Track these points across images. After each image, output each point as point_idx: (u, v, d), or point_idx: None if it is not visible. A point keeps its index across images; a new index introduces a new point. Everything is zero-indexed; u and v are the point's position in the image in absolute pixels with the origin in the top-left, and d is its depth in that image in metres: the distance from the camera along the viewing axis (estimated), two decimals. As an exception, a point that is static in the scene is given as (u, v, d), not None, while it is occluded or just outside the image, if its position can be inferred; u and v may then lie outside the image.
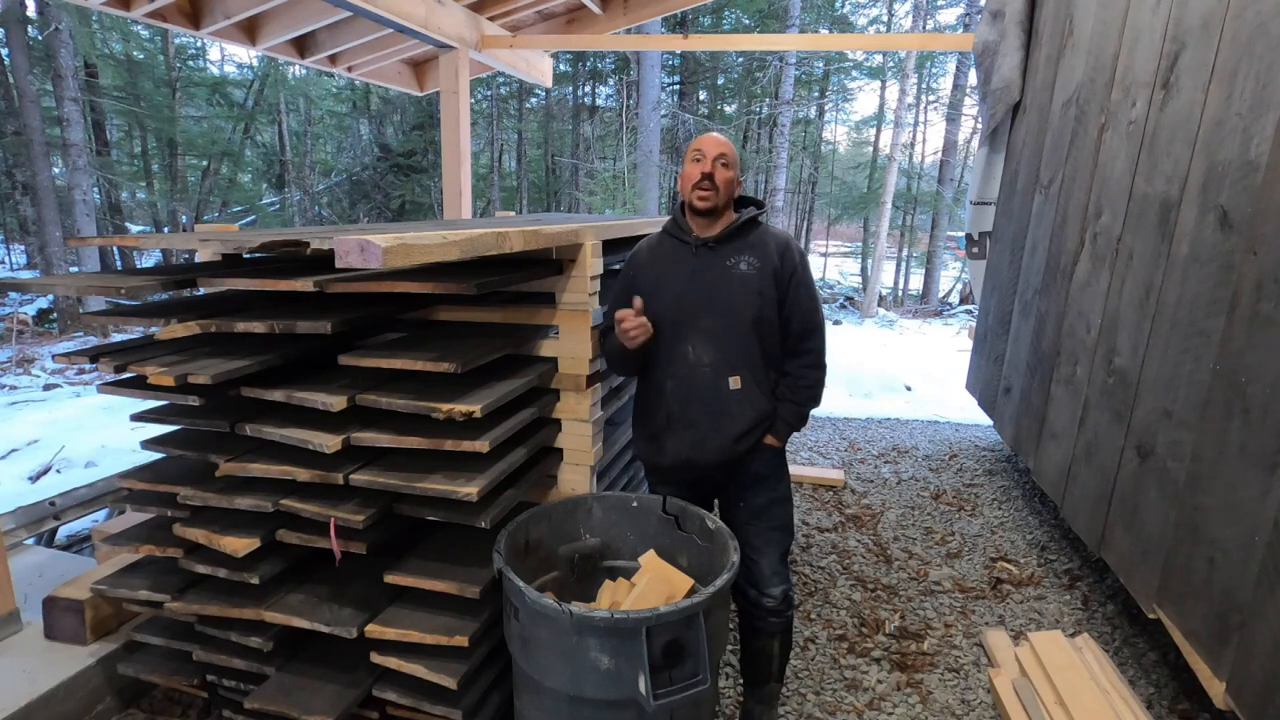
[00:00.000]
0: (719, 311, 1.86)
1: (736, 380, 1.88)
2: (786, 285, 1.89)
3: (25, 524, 2.88)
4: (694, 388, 1.89)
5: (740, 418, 1.89)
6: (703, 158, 1.85)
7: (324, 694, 1.75)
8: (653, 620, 1.42)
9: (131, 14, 3.56)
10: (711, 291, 1.87)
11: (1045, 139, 3.48)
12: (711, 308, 1.86)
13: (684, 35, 5.78)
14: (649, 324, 1.85)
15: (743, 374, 1.88)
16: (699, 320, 1.87)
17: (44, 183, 9.94)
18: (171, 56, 13.55)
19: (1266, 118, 1.80)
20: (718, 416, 1.89)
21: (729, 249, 1.89)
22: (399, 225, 2.34)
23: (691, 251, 1.90)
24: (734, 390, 1.88)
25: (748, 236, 1.92)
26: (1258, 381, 1.74)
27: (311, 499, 1.73)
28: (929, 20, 15.53)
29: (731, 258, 1.88)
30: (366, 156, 16.45)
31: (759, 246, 1.90)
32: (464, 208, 4.57)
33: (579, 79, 17.15)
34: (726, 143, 1.88)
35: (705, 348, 1.87)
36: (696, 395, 1.89)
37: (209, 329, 1.77)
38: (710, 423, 1.89)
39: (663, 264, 1.94)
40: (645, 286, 1.92)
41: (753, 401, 1.90)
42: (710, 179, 1.84)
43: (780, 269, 1.88)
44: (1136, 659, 2.43)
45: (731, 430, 1.89)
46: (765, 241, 1.91)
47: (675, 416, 1.92)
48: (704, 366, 1.88)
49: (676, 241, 1.95)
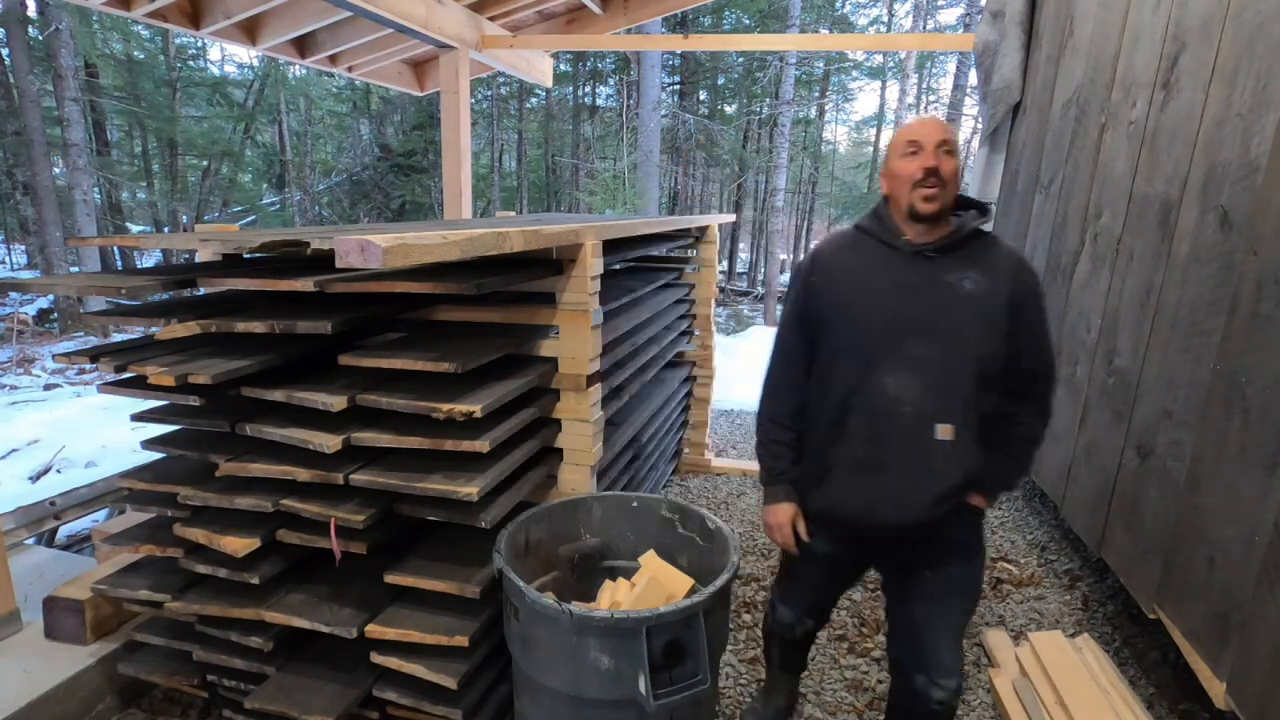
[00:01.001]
0: (935, 339, 1.48)
1: (947, 429, 1.48)
2: (1019, 312, 1.49)
3: (25, 524, 2.88)
4: (890, 430, 1.50)
5: (947, 476, 1.50)
6: (921, 149, 1.46)
7: (324, 694, 1.75)
8: (653, 620, 1.42)
9: (132, 14, 3.56)
10: (927, 313, 1.48)
11: (1045, 139, 3.48)
12: (926, 334, 1.48)
13: (684, 35, 5.78)
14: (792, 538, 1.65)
15: (956, 421, 1.48)
16: (906, 347, 1.49)
17: (44, 183, 9.94)
18: (172, 56, 13.56)
19: (1267, 118, 1.80)
20: (918, 469, 1.50)
21: (951, 261, 1.50)
22: (399, 225, 2.34)
23: (902, 260, 1.52)
24: (942, 440, 1.48)
25: (973, 248, 1.53)
26: (1258, 382, 1.73)
27: (311, 499, 1.73)
28: (929, 20, 15.52)
29: (954, 272, 1.49)
30: (367, 156, 16.45)
31: (987, 262, 1.51)
32: (464, 208, 4.57)
33: (579, 79, 17.16)
34: (945, 125, 1.50)
35: (911, 383, 1.48)
36: (892, 439, 1.51)
37: (209, 329, 1.77)
38: (906, 475, 1.51)
39: (861, 271, 1.57)
40: (836, 296, 1.57)
41: (964, 456, 1.50)
42: (936, 173, 1.44)
43: (1014, 292, 1.49)
44: (1137, 659, 2.43)
45: (934, 489, 1.50)
46: (995, 257, 1.52)
47: (858, 458, 1.55)
48: (906, 405, 1.48)
49: (880, 245, 1.56)
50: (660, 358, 3.18)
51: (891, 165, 1.52)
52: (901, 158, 1.49)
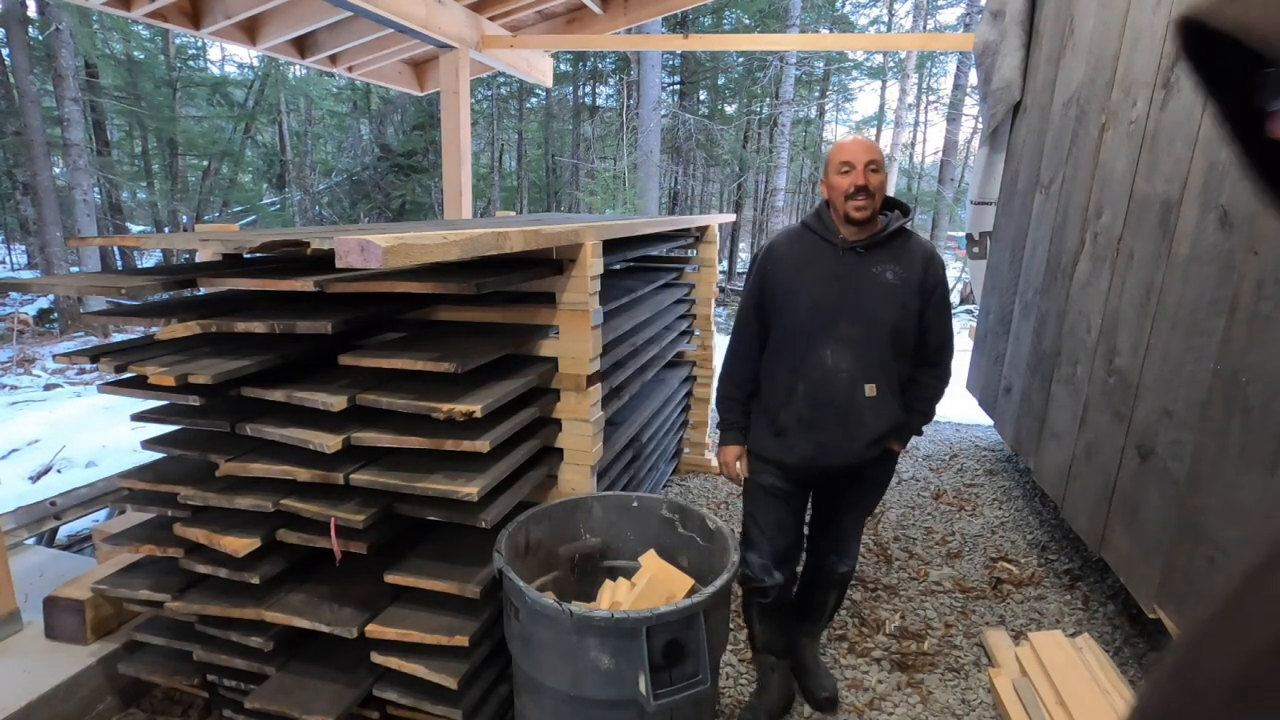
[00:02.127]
0: (861, 320, 1.86)
1: (873, 388, 1.88)
2: (928, 297, 1.90)
3: (26, 524, 2.88)
4: (829, 392, 1.89)
5: (874, 425, 1.90)
6: (853, 168, 1.81)
7: (324, 694, 1.75)
8: (653, 620, 1.42)
9: (132, 14, 3.56)
10: (856, 299, 1.86)
11: (1046, 139, 3.47)
12: (854, 315, 1.86)
13: (684, 35, 5.78)
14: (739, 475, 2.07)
15: (879, 382, 1.89)
16: (839, 327, 1.87)
17: (44, 183, 9.94)
18: (172, 56, 13.56)
19: (1267, 117, 1.80)
20: (851, 423, 1.89)
21: (876, 255, 1.88)
22: (399, 225, 2.34)
23: (837, 254, 1.88)
24: (869, 397, 1.88)
25: (894, 244, 1.90)
26: (1258, 381, 1.73)
27: (312, 499, 1.73)
28: (929, 20, 15.52)
29: (878, 265, 1.87)
30: (367, 156, 16.45)
31: (905, 256, 1.89)
32: (464, 208, 4.57)
33: (579, 79, 17.16)
34: (873, 146, 1.86)
35: (844, 354, 1.87)
36: (830, 399, 1.89)
37: (209, 329, 1.78)
38: (842, 428, 1.90)
39: (804, 263, 1.92)
40: (784, 283, 1.93)
41: (887, 409, 1.91)
42: (864, 190, 1.80)
43: (925, 281, 1.89)
44: (1137, 659, 2.43)
45: (864, 437, 1.91)
46: (911, 251, 1.90)
47: (807, 420, 1.91)
48: (841, 372, 1.87)
49: (821, 241, 1.92)
50: (660, 358, 3.18)
51: (830, 179, 1.87)
52: (837, 174, 1.84)
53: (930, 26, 15.44)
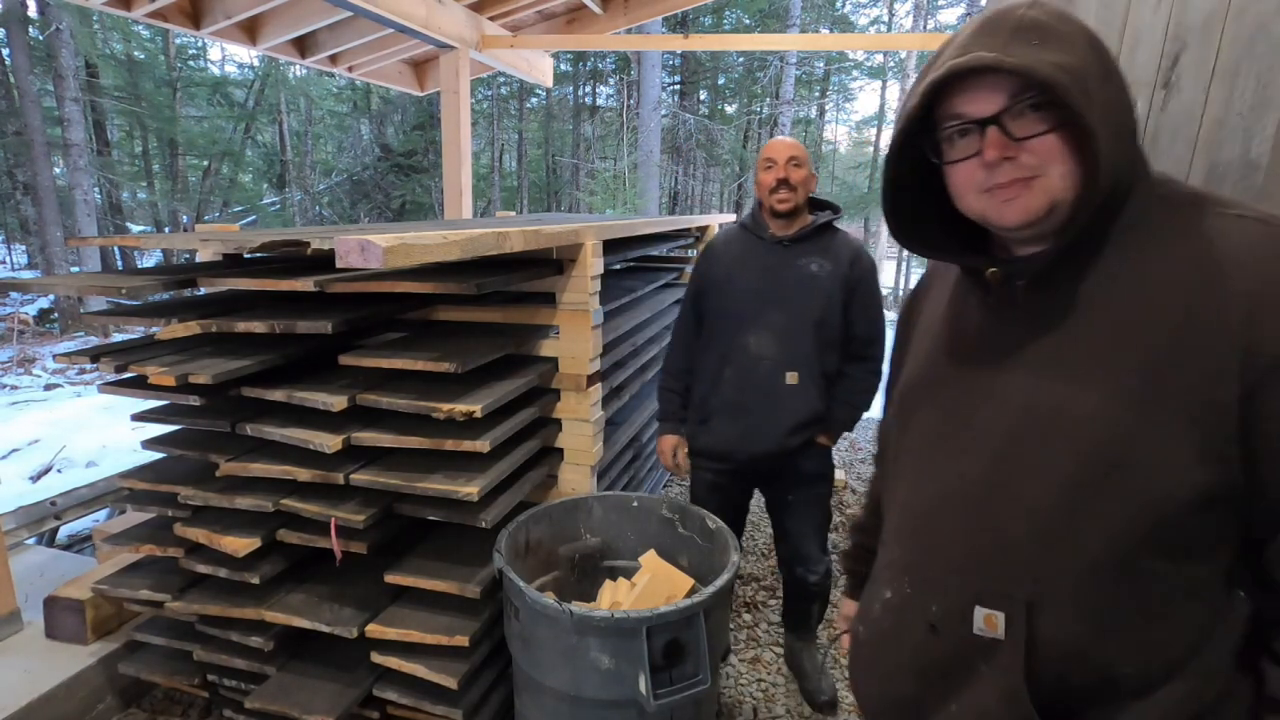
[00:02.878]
0: (785, 309, 1.94)
1: (794, 376, 1.94)
2: (853, 291, 1.96)
3: (26, 524, 2.88)
4: (752, 378, 1.96)
5: (794, 412, 1.96)
6: (774, 164, 1.92)
7: (325, 694, 1.75)
8: (653, 620, 1.42)
9: (132, 14, 3.56)
10: (780, 289, 1.95)
11: (1046, 139, 3.47)
12: (778, 304, 1.94)
13: (684, 35, 5.78)
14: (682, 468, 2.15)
15: (801, 371, 1.94)
16: (764, 315, 1.95)
17: (45, 183, 9.94)
18: (172, 56, 13.56)
19: (1267, 118, 1.80)
20: (772, 408, 1.96)
21: (802, 249, 1.97)
22: (399, 225, 2.34)
23: (767, 248, 1.99)
24: (790, 385, 1.94)
25: (821, 239, 1.98)
26: (1258, 381, 1.73)
27: (312, 499, 1.73)
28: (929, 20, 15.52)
29: (803, 258, 1.96)
30: (367, 156, 16.45)
31: (831, 251, 1.97)
32: (464, 208, 4.56)
33: (579, 79, 17.16)
34: (795, 144, 1.95)
35: (767, 342, 1.95)
36: (753, 385, 1.96)
37: (209, 329, 1.78)
38: (764, 413, 1.96)
39: (737, 257, 2.03)
40: (718, 276, 2.03)
41: (807, 398, 1.96)
42: (786, 183, 1.91)
43: (849, 275, 1.95)
44: (1137, 659, 2.43)
45: (785, 423, 1.96)
46: (838, 247, 1.98)
47: (729, 403, 1.99)
48: (764, 359, 1.95)
49: (753, 236, 2.02)
50: (661, 358, 3.18)
51: (757, 176, 1.98)
52: (762, 171, 1.95)
53: (930, 26, 15.44)
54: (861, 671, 0.91)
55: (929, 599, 0.79)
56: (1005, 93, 0.68)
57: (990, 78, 0.68)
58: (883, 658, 0.85)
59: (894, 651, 0.83)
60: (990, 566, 0.73)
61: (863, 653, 0.90)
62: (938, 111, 0.73)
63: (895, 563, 0.85)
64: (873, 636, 0.87)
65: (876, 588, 0.89)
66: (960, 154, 0.71)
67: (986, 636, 0.73)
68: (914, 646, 0.80)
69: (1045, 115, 0.67)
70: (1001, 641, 0.73)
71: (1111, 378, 0.67)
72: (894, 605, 0.83)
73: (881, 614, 0.86)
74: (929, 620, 0.78)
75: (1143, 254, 0.69)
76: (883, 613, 0.85)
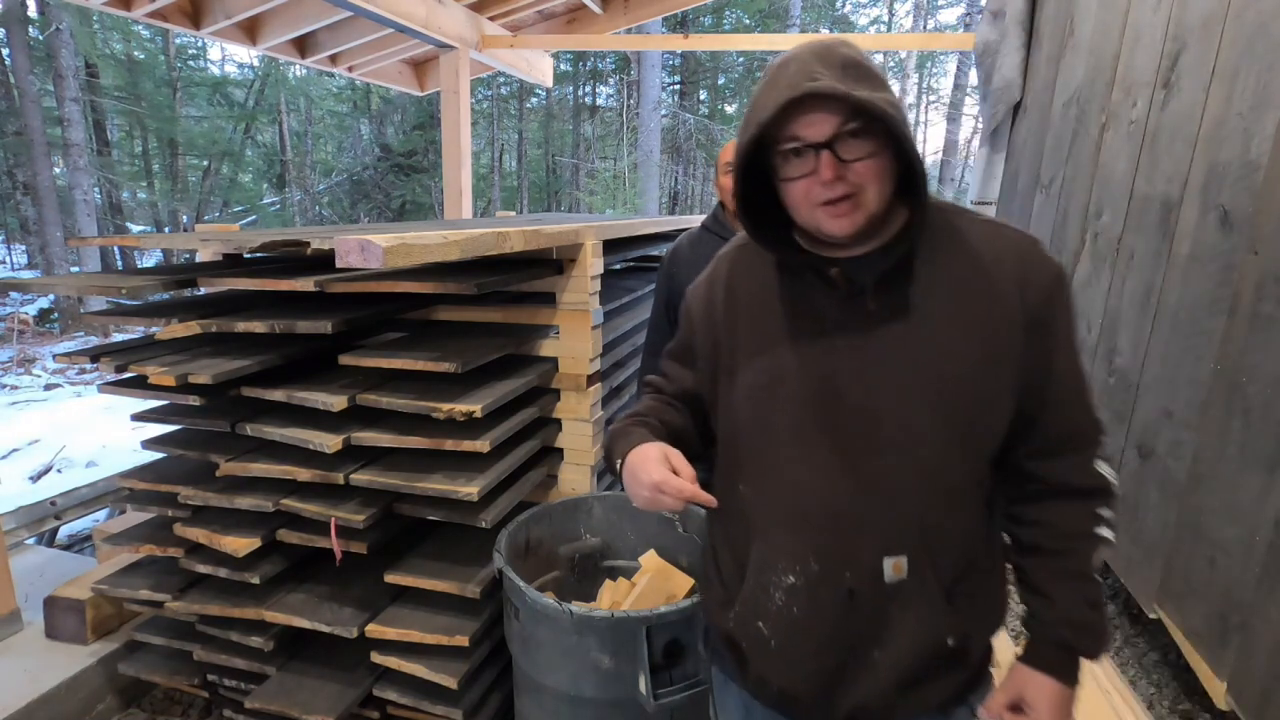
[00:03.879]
0: None
1: None
2: None
3: (26, 524, 2.88)
4: None
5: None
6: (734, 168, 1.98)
7: (325, 693, 1.75)
8: (653, 620, 1.42)
9: (132, 14, 3.56)
10: None
11: (1046, 139, 3.47)
12: None
13: (684, 35, 5.78)
14: None
15: None
16: None
17: (45, 183, 9.95)
18: (172, 56, 13.56)
19: (1267, 117, 1.80)
20: None
21: None
22: (399, 225, 2.34)
23: None
24: None
25: None
26: (1258, 382, 1.73)
27: (312, 499, 1.73)
28: (929, 20, 15.53)
29: None
30: (367, 156, 16.46)
31: None
32: (464, 208, 4.57)
33: (579, 79, 17.16)
34: None
35: None
36: None
37: (209, 329, 1.78)
38: None
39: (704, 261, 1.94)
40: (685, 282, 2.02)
41: None
42: None
43: None
44: (1137, 659, 2.43)
45: None
46: None
47: None
48: None
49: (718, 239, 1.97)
50: (660, 358, 3.18)
51: (719, 180, 1.95)
52: (723, 175, 1.92)
53: (930, 26, 15.45)
54: (777, 663, 0.94)
55: (842, 568, 0.88)
56: (836, 120, 0.78)
57: (825, 105, 0.78)
58: (803, 641, 0.91)
59: (815, 630, 0.91)
60: (889, 521, 0.87)
61: (772, 645, 0.93)
62: (774, 132, 0.82)
63: (791, 550, 0.90)
64: (784, 625, 0.92)
65: (767, 577, 0.92)
66: (797, 172, 0.82)
67: (894, 581, 0.87)
68: (835, 618, 0.89)
69: (864, 142, 0.78)
70: (906, 580, 0.87)
71: (960, 349, 0.85)
72: (802, 588, 0.90)
73: (788, 601, 0.91)
74: (847, 587, 0.88)
75: (946, 254, 0.87)
76: (789, 599, 0.91)
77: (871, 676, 0.90)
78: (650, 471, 0.90)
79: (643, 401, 1.13)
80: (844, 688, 0.91)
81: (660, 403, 1.10)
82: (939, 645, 0.89)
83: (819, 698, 0.93)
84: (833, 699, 0.92)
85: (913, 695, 0.91)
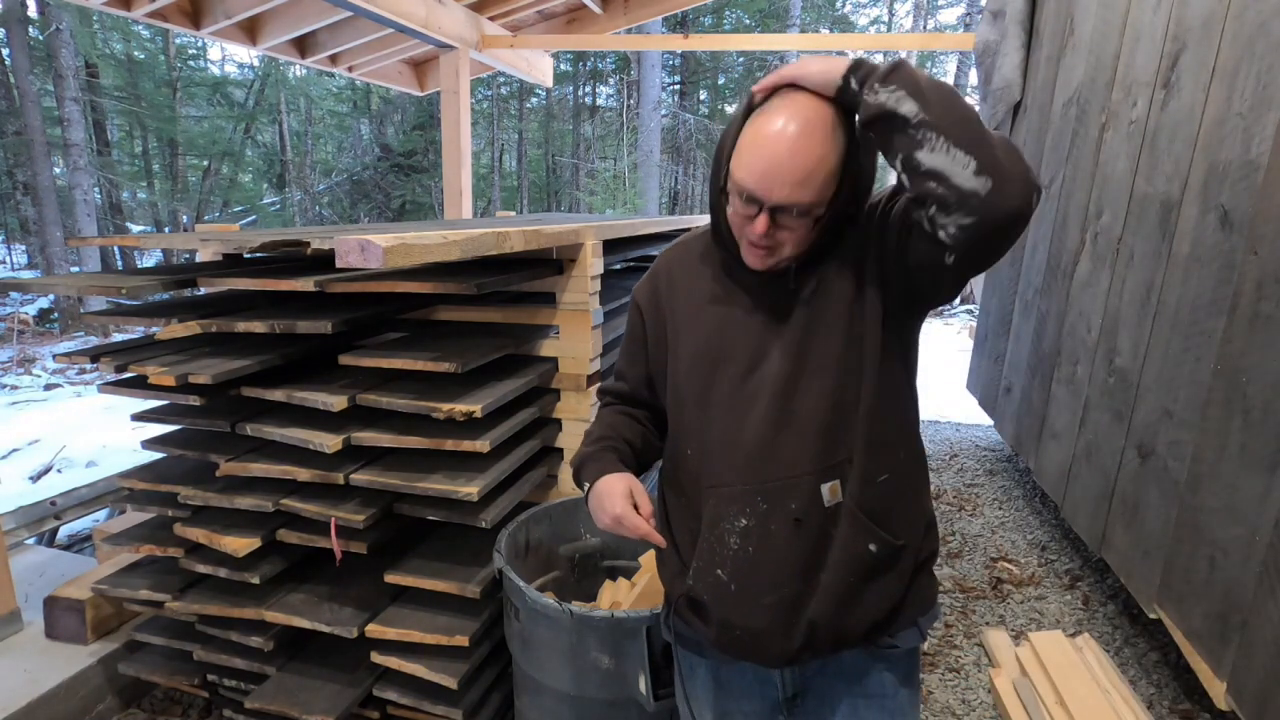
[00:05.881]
0: None
1: None
2: None
3: (26, 523, 2.88)
4: None
5: None
6: None
7: (325, 694, 1.75)
8: (653, 620, 1.42)
9: (132, 14, 3.56)
10: None
11: (1046, 139, 3.47)
12: None
13: (684, 35, 5.78)
14: None
15: None
16: None
17: (45, 183, 9.94)
18: (172, 56, 13.56)
19: (1267, 117, 1.80)
20: None
21: None
22: (399, 225, 2.34)
23: None
24: None
25: None
26: (1258, 381, 1.73)
27: (312, 499, 1.73)
28: (929, 20, 15.53)
29: None
30: (367, 156, 16.46)
31: None
32: (464, 208, 4.57)
33: (579, 79, 17.16)
34: None
35: None
36: None
37: (209, 329, 1.78)
38: None
39: None
40: None
41: None
42: None
43: None
44: (1137, 659, 2.43)
45: None
46: None
47: None
48: None
49: None
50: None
51: None
52: None
53: (930, 26, 15.45)
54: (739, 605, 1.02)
55: (787, 500, 0.99)
56: (790, 203, 0.92)
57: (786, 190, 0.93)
58: (760, 575, 1.01)
59: (769, 563, 1.01)
60: (822, 452, 0.99)
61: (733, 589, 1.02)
62: None
63: (740, 497, 1.01)
64: (742, 567, 1.01)
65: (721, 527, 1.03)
66: (740, 206, 0.95)
67: (831, 504, 0.99)
68: (785, 547, 1.00)
69: (803, 219, 0.93)
70: (842, 501, 0.99)
71: (858, 297, 1.00)
72: (754, 527, 1.01)
73: (743, 543, 1.01)
74: (794, 517, 0.99)
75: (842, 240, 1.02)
76: (744, 541, 1.01)
77: (820, 600, 1.00)
78: (615, 504, 1.01)
79: (604, 415, 1.23)
80: (797, 614, 1.01)
81: (621, 415, 1.20)
82: (863, 553, 1.00)
83: (778, 632, 1.01)
84: (790, 631, 1.01)
85: (856, 610, 1.01)
